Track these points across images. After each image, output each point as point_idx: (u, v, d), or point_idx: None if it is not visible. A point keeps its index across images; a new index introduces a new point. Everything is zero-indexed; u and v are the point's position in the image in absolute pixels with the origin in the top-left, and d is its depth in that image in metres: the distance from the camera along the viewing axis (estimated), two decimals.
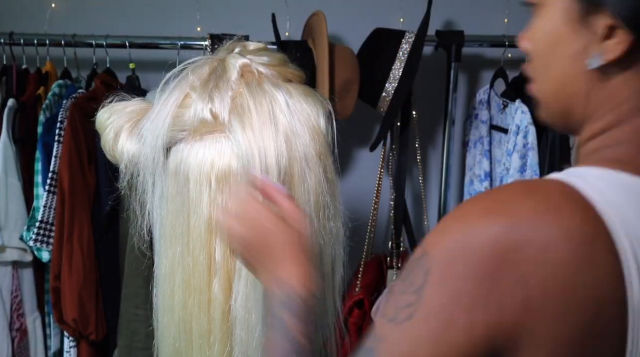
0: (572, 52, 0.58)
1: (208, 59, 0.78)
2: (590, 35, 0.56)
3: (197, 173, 0.74)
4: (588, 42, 0.57)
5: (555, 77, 0.61)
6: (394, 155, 1.76)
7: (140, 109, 0.77)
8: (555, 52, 0.60)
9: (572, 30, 0.58)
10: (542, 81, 0.63)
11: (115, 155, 0.76)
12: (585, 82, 0.59)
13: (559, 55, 0.60)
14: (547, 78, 0.62)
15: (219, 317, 0.75)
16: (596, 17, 0.55)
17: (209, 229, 0.74)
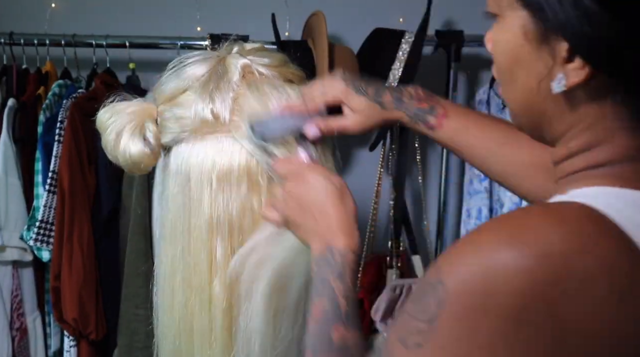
0: (536, 72, 0.55)
1: (207, 56, 0.78)
2: (552, 56, 0.53)
3: (198, 173, 0.74)
4: (550, 62, 0.53)
5: (521, 94, 0.58)
6: (393, 155, 1.76)
7: (141, 110, 0.77)
8: (519, 69, 0.57)
9: (534, 49, 0.54)
10: (509, 93, 0.60)
11: (117, 156, 0.77)
12: (552, 103, 0.56)
13: (523, 73, 0.57)
14: (513, 93, 0.59)
15: (219, 316, 0.75)
16: (557, 39, 0.52)
17: (210, 229, 0.74)
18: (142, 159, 0.76)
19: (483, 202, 1.73)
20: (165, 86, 0.77)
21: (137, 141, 0.75)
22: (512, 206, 1.62)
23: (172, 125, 0.75)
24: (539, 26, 0.53)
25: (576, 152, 0.57)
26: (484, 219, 1.73)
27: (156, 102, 0.78)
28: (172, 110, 0.75)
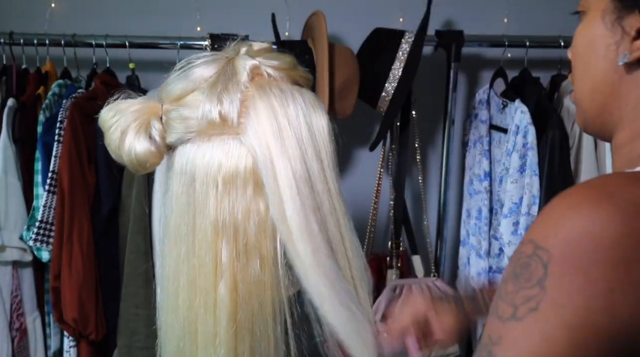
0: (606, 50, 0.62)
1: (216, 57, 0.77)
2: (623, 34, 0.60)
3: (203, 174, 0.73)
4: (620, 40, 0.60)
5: (591, 75, 0.64)
6: (393, 155, 1.77)
7: (146, 108, 0.76)
8: (592, 52, 0.63)
9: (608, 30, 0.61)
10: (580, 82, 0.66)
11: (121, 155, 0.76)
12: (618, 81, 0.62)
13: (596, 54, 0.63)
14: (584, 78, 0.65)
15: (225, 319, 0.75)
16: (629, 17, 0.59)
17: (215, 231, 0.74)
18: (148, 158, 0.75)
19: (483, 202, 1.73)
20: (173, 86, 0.76)
21: (142, 139, 0.74)
22: (512, 205, 1.62)
23: (178, 125, 0.75)
24: (616, 7, 0.60)
25: (637, 135, 0.62)
26: (484, 219, 1.73)
27: (162, 101, 0.77)
28: (179, 110, 0.75)
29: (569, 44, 0.68)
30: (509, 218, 1.62)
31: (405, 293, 1.57)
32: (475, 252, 1.75)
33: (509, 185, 1.62)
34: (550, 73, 1.77)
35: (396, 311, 0.88)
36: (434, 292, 1.62)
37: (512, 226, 1.62)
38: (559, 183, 1.58)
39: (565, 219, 0.54)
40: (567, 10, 0.81)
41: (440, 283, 1.65)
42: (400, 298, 1.55)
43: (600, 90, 0.64)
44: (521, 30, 1.74)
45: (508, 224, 1.62)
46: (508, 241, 1.62)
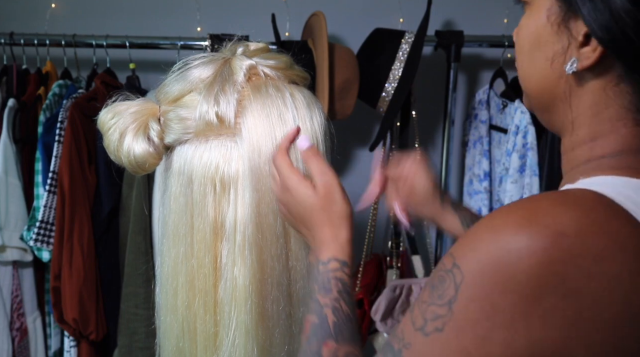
0: (552, 54, 0.59)
1: (213, 58, 0.78)
2: (570, 39, 0.57)
3: (201, 175, 0.74)
4: (567, 45, 0.58)
5: (537, 75, 0.62)
6: (393, 156, 1.77)
7: (144, 109, 0.76)
8: (537, 51, 0.61)
9: (554, 32, 0.58)
10: (525, 77, 0.64)
11: (120, 156, 0.76)
12: (565, 86, 0.59)
13: (541, 55, 0.60)
14: (530, 74, 0.63)
15: (224, 320, 0.75)
16: (576, 22, 0.56)
17: (214, 232, 0.74)
18: (147, 159, 0.75)
19: (483, 203, 1.74)
20: (170, 88, 0.76)
21: (141, 141, 0.75)
22: None
23: (176, 126, 0.75)
24: (562, 8, 0.57)
25: (583, 141, 0.60)
26: None
27: (159, 102, 0.78)
28: (176, 111, 0.75)
29: None
30: None
31: None
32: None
33: (509, 185, 1.62)
34: None
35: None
36: None
37: None
38: (558, 183, 1.58)
39: (482, 242, 0.52)
40: None
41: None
42: (400, 297, 1.55)
43: (547, 92, 0.62)
44: None
45: None
46: None
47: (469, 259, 0.52)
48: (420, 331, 0.54)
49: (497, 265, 0.50)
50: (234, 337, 0.74)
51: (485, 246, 0.52)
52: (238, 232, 0.73)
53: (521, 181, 1.61)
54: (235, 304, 0.74)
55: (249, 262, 0.73)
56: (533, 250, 0.49)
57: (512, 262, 0.50)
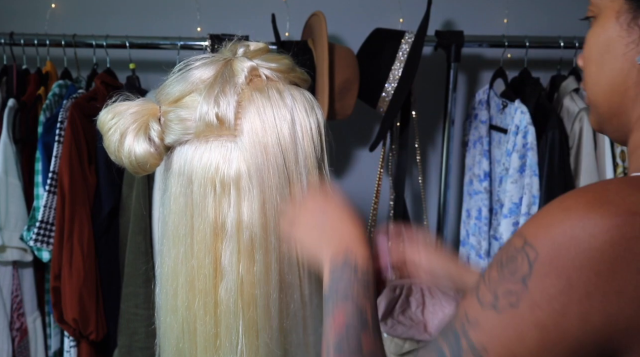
0: (624, 50, 0.61)
1: (214, 59, 0.77)
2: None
3: (201, 177, 0.74)
4: (638, 39, 0.60)
5: (607, 76, 0.64)
6: (393, 156, 1.77)
7: (144, 109, 0.76)
8: (608, 53, 0.63)
9: (624, 30, 0.61)
10: (595, 85, 0.66)
11: (121, 157, 0.76)
12: (635, 80, 0.61)
13: (612, 55, 0.63)
14: (599, 81, 0.65)
15: (225, 321, 0.75)
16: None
17: (214, 233, 0.74)
18: (147, 159, 0.75)
19: (483, 203, 1.74)
20: (171, 89, 0.76)
21: (141, 141, 0.75)
22: (512, 206, 1.62)
23: (176, 127, 0.75)
24: (631, 8, 0.61)
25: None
26: (484, 219, 1.73)
27: (160, 103, 0.78)
28: (177, 111, 0.75)
29: (568, 44, 0.69)
30: (509, 218, 1.62)
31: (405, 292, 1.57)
32: (475, 252, 1.76)
33: (509, 185, 1.62)
34: (550, 73, 1.77)
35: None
36: (434, 291, 1.62)
37: (512, 226, 1.62)
38: (558, 183, 1.58)
39: (556, 221, 0.54)
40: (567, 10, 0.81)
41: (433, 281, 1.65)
42: (400, 297, 1.55)
43: (617, 91, 0.63)
44: (521, 31, 1.74)
45: (508, 224, 1.62)
46: None
47: (542, 237, 0.54)
48: (491, 307, 0.56)
49: (571, 242, 0.53)
50: (237, 339, 0.74)
51: (559, 224, 0.54)
52: (243, 232, 0.73)
53: (521, 181, 1.61)
54: (240, 305, 0.74)
55: (254, 262, 0.73)
56: (606, 228, 0.52)
57: (586, 239, 0.52)
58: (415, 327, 1.59)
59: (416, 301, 1.60)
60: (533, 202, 1.58)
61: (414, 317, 1.61)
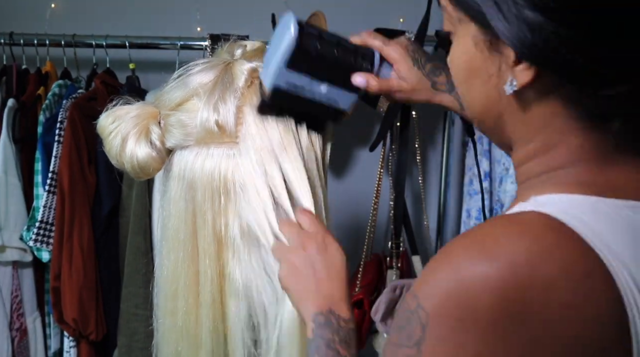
0: (488, 77, 0.58)
1: (214, 63, 0.77)
2: (502, 60, 0.56)
3: (202, 182, 0.73)
4: (501, 66, 0.56)
5: (478, 100, 0.61)
6: (393, 156, 1.77)
7: (144, 113, 0.76)
8: (473, 78, 0.60)
9: (485, 57, 0.57)
10: (468, 104, 0.63)
11: (122, 161, 0.76)
12: (507, 104, 0.58)
13: (478, 81, 0.59)
14: (471, 102, 0.62)
15: (226, 326, 0.75)
16: (504, 46, 0.54)
17: (215, 239, 0.74)
18: (150, 163, 0.75)
19: None
20: (171, 94, 0.76)
21: (143, 145, 0.74)
22: None
23: (176, 131, 0.75)
24: (486, 35, 0.56)
25: (534, 155, 0.59)
26: (484, 219, 1.73)
27: (159, 108, 0.77)
28: (177, 115, 0.75)
29: None
30: None
31: None
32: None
33: (509, 185, 1.62)
34: None
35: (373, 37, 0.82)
36: None
37: None
38: None
39: (440, 278, 0.52)
40: None
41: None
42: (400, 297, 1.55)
43: (488, 114, 0.60)
44: None
45: None
46: None
47: (430, 297, 0.52)
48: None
49: (456, 301, 0.51)
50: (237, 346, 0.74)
51: (444, 282, 0.52)
52: (248, 238, 0.73)
53: None
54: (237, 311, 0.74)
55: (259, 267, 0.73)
56: (489, 282, 0.50)
57: (470, 296, 0.50)
58: None
59: None
60: None
61: None
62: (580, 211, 0.54)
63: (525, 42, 0.52)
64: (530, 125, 0.58)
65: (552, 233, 0.52)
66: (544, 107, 0.56)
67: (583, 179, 0.57)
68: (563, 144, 0.57)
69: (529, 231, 0.52)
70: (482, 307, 0.50)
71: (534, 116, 0.57)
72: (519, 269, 0.50)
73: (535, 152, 0.59)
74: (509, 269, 0.50)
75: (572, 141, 0.57)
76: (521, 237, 0.52)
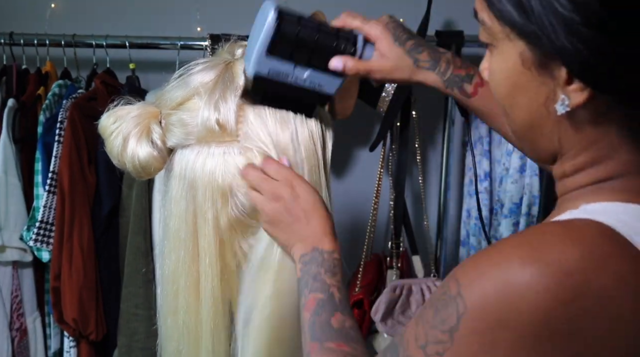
0: (537, 96, 0.56)
1: (214, 63, 0.77)
2: (553, 79, 0.54)
3: (203, 182, 0.73)
4: (551, 85, 0.55)
5: (523, 117, 0.59)
6: (393, 156, 1.76)
7: (145, 113, 0.76)
8: (519, 94, 0.58)
9: (533, 75, 0.56)
10: (511, 120, 0.62)
11: (124, 161, 0.76)
12: (555, 124, 0.57)
13: (524, 98, 0.58)
14: (514, 117, 0.61)
15: (227, 324, 0.75)
16: (554, 61, 0.53)
17: (216, 237, 0.74)
18: (151, 163, 0.75)
19: (483, 203, 1.73)
20: (172, 94, 0.76)
21: (144, 145, 0.74)
22: (512, 206, 1.62)
23: (177, 130, 0.75)
24: (536, 54, 0.54)
25: (582, 168, 0.58)
26: (484, 219, 1.73)
27: (160, 107, 0.77)
28: (178, 114, 0.75)
29: None
30: (509, 218, 1.62)
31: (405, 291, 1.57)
32: (476, 253, 1.75)
33: (509, 185, 1.62)
34: None
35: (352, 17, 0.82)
36: None
37: (512, 226, 1.62)
38: None
39: (487, 276, 0.51)
40: None
41: (440, 283, 1.65)
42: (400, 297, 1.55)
43: (532, 131, 0.59)
44: None
45: (508, 224, 1.62)
46: None
47: (472, 291, 0.51)
48: (422, 349, 0.54)
49: (500, 301, 0.50)
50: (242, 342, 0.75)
51: (490, 279, 0.51)
52: (241, 236, 0.73)
53: (521, 181, 1.60)
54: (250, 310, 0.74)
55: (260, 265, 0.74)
56: (537, 289, 0.49)
57: (516, 300, 0.49)
58: None
59: (416, 301, 1.60)
60: (533, 202, 1.58)
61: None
62: (630, 217, 0.53)
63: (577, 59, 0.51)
64: (580, 142, 0.57)
65: (607, 242, 0.51)
66: (596, 126, 0.56)
67: (631, 188, 0.56)
68: (614, 158, 0.57)
69: (583, 238, 0.51)
70: (526, 311, 0.49)
71: (584, 134, 0.57)
72: (570, 278, 0.49)
73: (583, 165, 0.58)
74: (560, 278, 0.49)
75: (623, 156, 0.56)
76: (575, 244, 0.51)
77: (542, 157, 0.62)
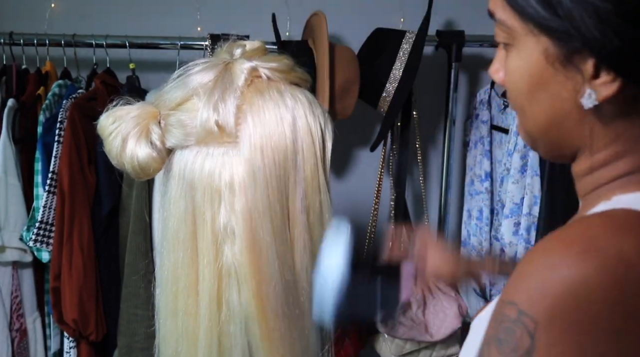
0: (560, 90, 0.56)
1: (213, 63, 0.77)
2: (579, 74, 0.55)
3: (202, 183, 0.73)
4: (577, 79, 0.55)
5: (542, 113, 0.59)
6: (394, 156, 1.76)
7: (145, 113, 0.76)
8: (541, 91, 0.58)
9: (557, 71, 0.56)
10: (528, 118, 0.61)
11: (123, 162, 0.75)
12: (576, 120, 0.57)
13: (546, 95, 0.58)
14: (533, 116, 0.60)
15: (227, 327, 0.74)
16: (581, 55, 0.53)
17: (214, 239, 0.74)
18: (150, 163, 0.75)
19: (484, 203, 1.73)
20: (171, 95, 0.75)
21: (143, 145, 0.74)
22: (513, 206, 1.61)
23: (177, 131, 0.75)
24: (562, 48, 0.54)
25: (605, 162, 0.58)
26: (485, 219, 1.72)
27: (159, 108, 0.77)
28: (177, 115, 0.74)
29: None
30: (510, 219, 1.62)
31: None
32: (476, 253, 1.75)
33: (510, 185, 1.62)
34: None
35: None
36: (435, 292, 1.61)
37: (513, 226, 1.62)
38: (560, 183, 1.58)
39: (546, 282, 0.50)
40: None
41: (441, 283, 1.65)
42: None
43: (554, 128, 0.59)
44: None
45: (509, 224, 1.62)
46: (509, 242, 1.62)
47: (535, 302, 0.50)
48: None
49: (569, 303, 0.49)
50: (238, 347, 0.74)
51: (551, 283, 0.50)
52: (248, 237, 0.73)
53: (522, 181, 1.60)
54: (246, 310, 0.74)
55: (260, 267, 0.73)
56: (603, 282, 0.48)
57: (583, 296, 0.48)
58: (417, 328, 1.59)
59: (417, 302, 1.59)
60: (534, 202, 1.58)
61: (415, 318, 1.61)
62: None
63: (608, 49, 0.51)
64: (603, 136, 0.58)
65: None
66: (622, 119, 0.56)
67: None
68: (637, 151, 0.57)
69: (631, 226, 0.52)
70: (598, 305, 0.48)
71: (610, 127, 0.57)
72: (629, 263, 0.49)
73: (607, 160, 0.58)
74: (622, 267, 0.49)
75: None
76: (626, 233, 0.51)
77: (562, 154, 0.62)
